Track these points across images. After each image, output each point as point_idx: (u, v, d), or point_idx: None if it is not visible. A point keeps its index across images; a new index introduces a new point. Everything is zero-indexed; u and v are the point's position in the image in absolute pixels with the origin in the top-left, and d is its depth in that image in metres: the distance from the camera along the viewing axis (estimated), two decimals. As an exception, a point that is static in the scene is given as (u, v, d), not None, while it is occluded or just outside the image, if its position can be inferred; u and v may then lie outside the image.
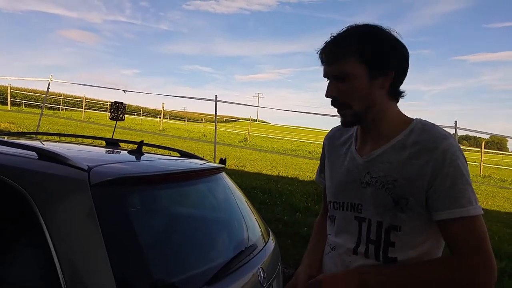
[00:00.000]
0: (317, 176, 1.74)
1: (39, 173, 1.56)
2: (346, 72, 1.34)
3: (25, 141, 2.31)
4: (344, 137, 1.56)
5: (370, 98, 1.36)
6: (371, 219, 1.38)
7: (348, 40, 1.34)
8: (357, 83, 1.34)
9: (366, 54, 1.32)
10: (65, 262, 1.36)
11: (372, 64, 1.32)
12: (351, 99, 1.36)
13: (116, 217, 1.52)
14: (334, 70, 1.36)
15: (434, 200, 1.27)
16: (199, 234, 2.01)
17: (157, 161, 2.23)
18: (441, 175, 1.26)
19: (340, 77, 1.35)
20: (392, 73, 1.34)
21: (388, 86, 1.36)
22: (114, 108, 7.43)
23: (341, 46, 1.34)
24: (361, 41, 1.32)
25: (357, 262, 1.40)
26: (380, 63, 1.33)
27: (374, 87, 1.35)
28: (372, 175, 1.38)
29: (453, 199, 1.25)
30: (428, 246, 1.36)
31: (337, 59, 1.35)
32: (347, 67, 1.33)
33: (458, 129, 10.87)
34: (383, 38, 1.34)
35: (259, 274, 1.92)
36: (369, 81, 1.34)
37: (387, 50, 1.33)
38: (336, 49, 1.35)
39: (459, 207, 1.24)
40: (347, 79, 1.34)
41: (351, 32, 1.35)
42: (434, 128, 1.34)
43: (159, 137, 19.54)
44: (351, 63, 1.33)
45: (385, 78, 1.34)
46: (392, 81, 1.35)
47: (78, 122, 23.21)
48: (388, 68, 1.34)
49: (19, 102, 37.17)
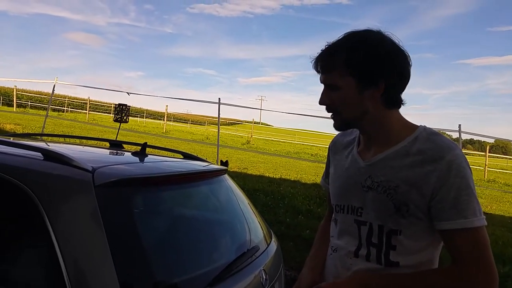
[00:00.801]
0: (322, 181, 1.76)
1: (45, 174, 1.58)
2: (335, 84, 1.35)
3: (31, 142, 2.33)
4: (347, 141, 1.57)
5: (361, 107, 1.36)
6: (372, 223, 1.39)
7: (338, 52, 1.34)
8: (345, 94, 1.34)
9: (354, 67, 1.32)
10: (70, 262, 1.37)
11: (360, 77, 1.32)
12: (340, 107, 1.37)
13: (119, 217, 1.53)
14: (326, 80, 1.38)
15: (438, 210, 1.27)
16: (202, 235, 2.02)
17: (161, 163, 2.24)
18: (446, 185, 1.25)
19: (331, 86, 1.37)
20: (383, 85, 1.32)
21: (379, 97, 1.35)
22: (118, 110, 7.44)
23: (331, 57, 1.35)
24: (350, 54, 1.31)
25: (358, 265, 1.41)
26: (368, 76, 1.32)
27: (365, 97, 1.35)
28: (374, 179, 1.38)
29: (457, 210, 1.25)
30: (430, 252, 1.37)
31: (327, 70, 1.36)
32: (335, 78, 1.35)
33: (462, 133, 10.83)
34: (374, 49, 1.31)
35: (261, 276, 1.93)
36: (358, 92, 1.34)
37: (377, 62, 1.31)
38: (327, 60, 1.36)
39: (463, 218, 1.25)
40: (337, 89, 1.35)
41: (342, 44, 1.35)
42: (440, 137, 1.33)
43: (162, 139, 19.57)
44: (339, 75, 1.33)
45: (375, 89, 1.33)
46: (384, 91, 1.33)
47: (82, 123, 23.28)
48: (378, 80, 1.32)
49: (24, 104, 37.27)
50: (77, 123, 22.66)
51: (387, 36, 1.35)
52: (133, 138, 17.17)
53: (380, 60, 1.31)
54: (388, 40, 1.34)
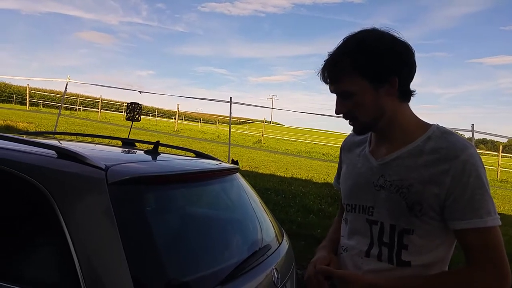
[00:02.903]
0: (335, 182, 1.76)
1: (59, 172, 1.59)
2: (347, 90, 1.34)
3: (44, 140, 2.35)
4: (359, 140, 1.57)
5: (378, 108, 1.35)
6: (383, 222, 1.38)
7: (343, 58, 1.32)
8: (360, 99, 1.33)
9: (363, 69, 1.30)
10: (84, 259, 1.38)
11: (372, 77, 1.31)
12: (358, 112, 1.36)
13: (132, 215, 1.54)
14: (337, 89, 1.37)
15: (452, 209, 1.27)
16: (214, 233, 2.02)
17: (173, 161, 2.25)
18: (460, 185, 1.25)
19: (344, 94, 1.35)
20: (396, 79, 1.32)
21: (396, 92, 1.34)
22: (130, 109, 7.50)
23: (338, 66, 1.33)
24: (356, 57, 1.30)
25: (369, 265, 1.40)
26: (380, 73, 1.31)
27: (381, 96, 1.34)
28: (387, 178, 1.38)
29: (472, 209, 1.25)
30: (441, 252, 1.37)
31: (336, 79, 1.35)
32: (347, 86, 1.33)
33: (475, 132, 10.73)
34: (379, 46, 1.31)
35: (273, 275, 1.92)
36: (373, 92, 1.33)
37: (385, 58, 1.30)
38: (334, 69, 1.35)
39: (478, 217, 1.24)
40: (351, 95, 1.34)
41: (343, 50, 1.34)
42: (454, 136, 1.33)
43: (174, 138, 19.66)
44: (350, 81, 1.32)
45: (389, 85, 1.33)
46: (398, 86, 1.33)
47: (94, 122, 23.47)
48: (389, 75, 1.31)
49: (37, 103, 37.70)
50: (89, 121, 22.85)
51: (385, 31, 1.34)
52: (145, 136, 17.27)
53: (385, 55, 1.30)
54: (387, 35, 1.33)
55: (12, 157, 1.66)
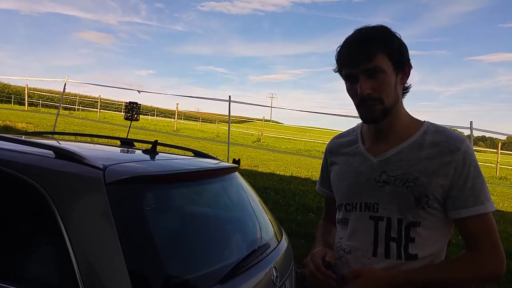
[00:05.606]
0: (318, 186, 1.79)
1: (56, 171, 1.59)
2: (379, 66, 1.33)
3: (43, 140, 2.35)
4: (347, 140, 1.58)
5: (395, 94, 1.39)
6: (390, 217, 1.39)
7: (376, 37, 1.35)
8: (388, 78, 1.35)
9: (392, 52, 1.35)
10: (81, 258, 1.38)
11: (396, 61, 1.36)
12: (384, 94, 1.35)
13: (130, 215, 1.54)
14: (369, 65, 1.33)
15: (456, 198, 1.33)
16: (213, 232, 2.02)
17: (172, 161, 2.25)
18: (463, 175, 1.33)
19: (372, 72, 1.34)
20: (408, 68, 1.40)
21: (404, 82, 1.42)
22: (129, 108, 7.50)
23: (371, 42, 1.34)
24: (388, 39, 1.36)
25: (378, 264, 1.39)
26: (400, 61, 1.38)
27: (397, 83, 1.39)
28: (390, 173, 1.39)
29: (474, 197, 1.33)
30: (442, 243, 1.41)
31: (369, 55, 1.33)
32: (380, 62, 1.33)
33: (474, 130, 10.73)
34: (398, 37, 1.39)
35: (272, 273, 1.92)
36: (394, 77, 1.38)
37: (404, 48, 1.39)
38: (368, 46, 1.34)
39: (480, 204, 1.32)
40: (379, 75, 1.34)
41: (376, 31, 1.38)
42: (448, 130, 1.41)
43: (173, 137, 19.65)
44: (382, 58, 1.34)
45: (403, 73, 1.40)
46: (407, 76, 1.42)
47: (93, 122, 23.44)
48: (404, 64, 1.39)
49: (36, 103, 37.63)
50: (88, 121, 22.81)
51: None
52: (144, 136, 17.25)
53: (404, 46, 1.40)
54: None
55: (10, 158, 1.66)
